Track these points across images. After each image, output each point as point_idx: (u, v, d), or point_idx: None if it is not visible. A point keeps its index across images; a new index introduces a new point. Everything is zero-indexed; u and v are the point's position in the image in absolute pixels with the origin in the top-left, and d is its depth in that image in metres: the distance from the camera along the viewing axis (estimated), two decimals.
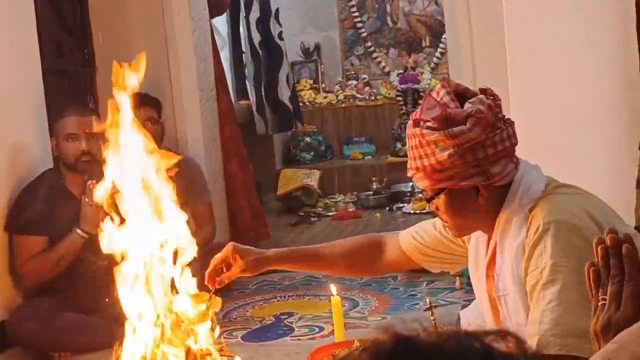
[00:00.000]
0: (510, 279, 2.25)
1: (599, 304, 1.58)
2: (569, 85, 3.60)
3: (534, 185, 2.26)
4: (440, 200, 2.29)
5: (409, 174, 2.32)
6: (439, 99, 2.24)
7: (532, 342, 2.08)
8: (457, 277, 4.63)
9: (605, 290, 1.57)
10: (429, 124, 2.21)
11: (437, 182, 2.25)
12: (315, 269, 3.12)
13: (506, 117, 2.29)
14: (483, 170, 2.21)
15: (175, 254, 2.67)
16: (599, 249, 1.59)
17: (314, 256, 2.82)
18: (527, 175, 2.27)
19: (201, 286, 2.69)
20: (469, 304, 3.98)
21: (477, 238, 2.44)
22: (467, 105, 2.22)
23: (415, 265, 2.77)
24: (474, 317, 2.72)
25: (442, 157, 2.19)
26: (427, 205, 2.38)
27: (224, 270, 2.66)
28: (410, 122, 2.27)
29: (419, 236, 2.64)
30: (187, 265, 2.68)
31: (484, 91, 2.28)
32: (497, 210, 2.28)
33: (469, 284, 4.51)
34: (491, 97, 2.25)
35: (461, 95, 2.26)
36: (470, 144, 2.18)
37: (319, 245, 2.92)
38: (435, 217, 2.50)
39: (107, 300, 3.33)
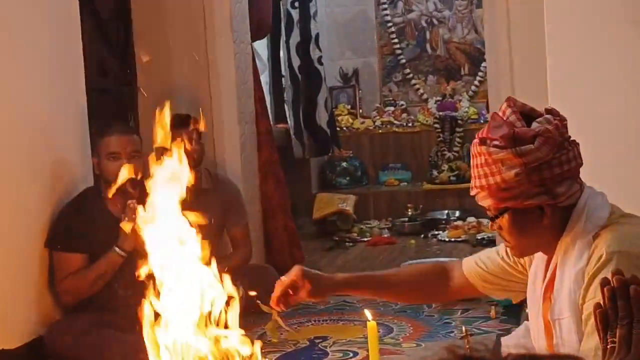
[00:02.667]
0: (567, 303, 2.24)
1: (608, 346, 1.52)
2: (611, 118, 3.59)
3: (598, 211, 2.25)
4: (504, 219, 2.28)
5: (472, 192, 2.32)
6: (505, 118, 2.25)
7: None
8: (492, 307, 4.61)
9: (614, 333, 1.51)
10: (495, 142, 2.21)
11: (501, 201, 2.25)
12: (381, 295, 3.10)
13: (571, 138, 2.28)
14: (548, 190, 2.21)
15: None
16: (605, 290, 1.53)
17: (379, 282, 2.82)
18: (591, 200, 2.27)
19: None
20: (504, 334, 3.98)
21: (537, 261, 2.43)
22: (534, 124, 2.23)
23: (477, 293, 2.77)
24: (514, 345, 2.70)
25: (508, 175, 2.19)
26: (490, 224, 2.38)
27: (290, 294, 2.65)
28: (476, 141, 2.27)
29: (482, 262, 2.64)
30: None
31: (549, 111, 2.28)
32: (560, 232, 2.27)
33: (504, 314, 4.55)
34: (558, 118, 2.25)
35: (527, 115, 2.27)
36: (537, 163, 2.18)
37: (385, 271, 2.95)
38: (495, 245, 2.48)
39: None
